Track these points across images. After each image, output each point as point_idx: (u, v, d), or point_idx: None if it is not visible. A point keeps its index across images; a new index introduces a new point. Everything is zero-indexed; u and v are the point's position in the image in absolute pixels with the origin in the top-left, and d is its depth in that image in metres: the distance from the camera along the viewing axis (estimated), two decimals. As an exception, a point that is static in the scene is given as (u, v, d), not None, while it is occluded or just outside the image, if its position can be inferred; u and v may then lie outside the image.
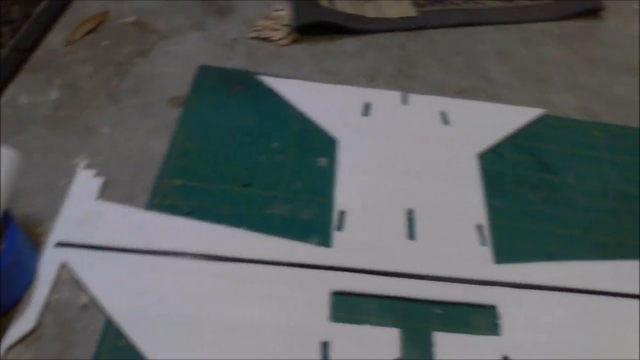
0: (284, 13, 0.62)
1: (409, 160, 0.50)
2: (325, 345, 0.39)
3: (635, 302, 0.43)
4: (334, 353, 0.39)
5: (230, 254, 0.43)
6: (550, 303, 0.43)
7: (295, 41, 0.60)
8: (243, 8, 0.63)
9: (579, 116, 0.57)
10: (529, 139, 0.54)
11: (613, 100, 0.59)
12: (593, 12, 0.69)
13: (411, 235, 0.46)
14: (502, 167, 0.51)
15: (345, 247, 0.44)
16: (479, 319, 0.42)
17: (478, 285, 0.43)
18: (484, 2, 0.67)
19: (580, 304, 0.43)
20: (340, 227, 0.46)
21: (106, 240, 0.43)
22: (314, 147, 0.51)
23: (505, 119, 0.55)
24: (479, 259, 0.45)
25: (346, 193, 0.48)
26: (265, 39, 0.60)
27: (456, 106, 0.55)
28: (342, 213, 0.46)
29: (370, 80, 0.58)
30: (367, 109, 0.54)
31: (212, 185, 0.48)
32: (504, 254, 0.45)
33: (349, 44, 0.61)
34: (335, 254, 0.44)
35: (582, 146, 0.54)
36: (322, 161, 0.50)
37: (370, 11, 0.64)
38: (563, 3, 0.69)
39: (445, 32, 0.64)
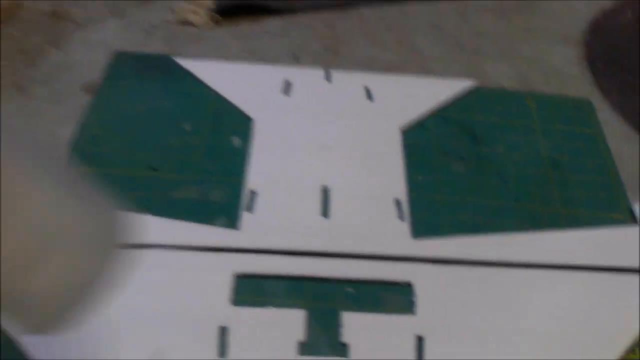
0: (206, -5, 0.59)
1: (328, 138, 0.48)
2: (223, 330, 0.37)
3: (556, 272, 0.41)
4: (233, 338, 0.36)
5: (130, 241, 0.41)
6: (468, 279, 0.40)
7: (217, 23, 0.58)
8: (167, -7, 0.61)
9: (514, 86, 0.55)
10: (459, 111, 0.52)
11: (549, 70, 0.57)
12: (532, -17, 0.67)
13: (325, 213, 0.43)
14: (427, 140, 0.49)
15: (254, 228, 0.42)
16: (393, 298, 0.40)
17: (393, 262, 0.41)
18: (419, -23, 0.65)
19: (499, 278, 0.41)
20: (250, 208, 0.43)
21: None
22: (229, 127, 0.49)
23: (433, 92, 0.52)
24: (395, 235, 0.42)
25: (259, 173, 0.45)
26: (186, 23, 0.58)
27: (382, 82, 0.53)
28: (253, 193, 0.44)
29: (295, 59, 0.55)
30: (287, 88, 0.52)
31: (120, 171, 0.45)
32: (423, 228, 0.43)
33: (273, 23, 0.58)
34: (241, 236, 0.41)
35: (515, 116, 0.52)
36: (236, 141, 0.48)
37: (297, -10, 0.62)
38: (501, -25, 0.66)
39: (375, 7, 0.61)
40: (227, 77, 0.52)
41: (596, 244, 0.43)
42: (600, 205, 0.46)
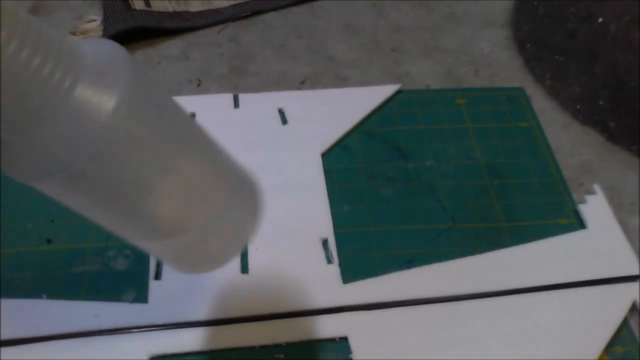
0: (94, 25, 0.53)
1: (241, 175, 0.43)
2: None
3: (505, 299, 0.37)
4: None
5: (26, 333, 0.35)
6: (410, 321, 0.36)
7: (108, 54, 0.51)
8: (49, 26, 0.54)
9: (441, 84, 0.51)
10: (381, 123, 0.47)
11: (477, 59, 0.53)
12: (450, -37, 0.62)
13: (244, 267, 0.38)
14: (349, 162, 0.44)
15: (164, 298, 0.37)
16: (329, 357, 0.35)
17: (325, 315, 0.36)
18: (328, -28, 0.60)
19: (444, 315, 0.37)
20: (158, 274, 0.38)
21: None
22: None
23: (352, 104, 0.48)
24: (324, 282, 0.38)
25: (165, 230, 0.40)
26: (74, 58, 0.51)
27: (295, 100, 0.48)
28: (161, 256, 0.39)
29: (198, 85, 0.50)
30: (191, 122, 0.46)
31: (6, 249, 0.40)
32: (354, 270, 0.39)
33: (171, 46, 0.52)
34: (152, 310, 0.36)
35: (443, 120, 0.48)
36: (139, 195, 0.42)
37: (196, 5, 0.56)
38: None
39: (283, 13, 0.56)
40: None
41: (544, 258, 0.40)
42: (544, 212, 0.42)
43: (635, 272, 0.39)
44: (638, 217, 0.43)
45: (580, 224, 0.42)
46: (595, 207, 0.42)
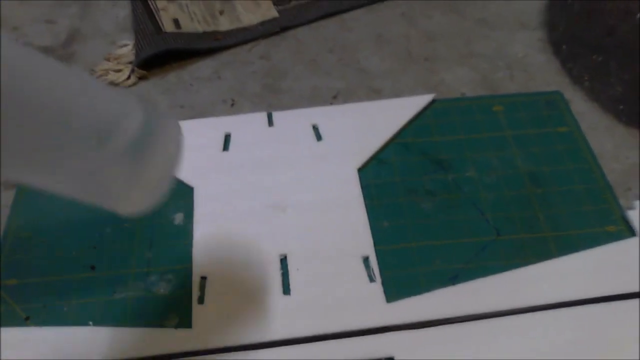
0: (127, 50, 0.54)
1: (279, 194, 0.43)
2: None
3: (554, 313, 0.36)
4: None
5: (75, 363, 0.36)
6: (457, 339, 0.36)
7: (142, 78, 0.52)
8: (84, 53, 0.55)
9: (476, 91, 0.50)
10: (418, 134, 0.46)
11: (512, 64, 0.52)
12: (479, -34, 0.61)
13: (285, 288, 0.38)
14: (388, 177, 0.44)
15: (207, 323, 0.37)
16: (375, 378, 0.35)
17: (369, 336, 0.36)
18: (355, -18, 0.59)
19: (492, 331, 0.36)
20: (201, 299, 0.38)
21: None
22: (169, 204, 0.43)
23: (386, 117, 0.47)
24: (367, 302, 0.37)
25: (206, 253, 0.40)
26: (110, 84, 0.52)
27: (329, 116, 0.47)
28: (203, 279, 0.39)
29: (232, 104, 0.50)
30: (227, 142, 0.46)
31: (52, 277, 0.40)
32: (397, 287, 0.38)
33: (203, 67, 0.53)
34: (196, 335, 0.36)
35: (481, 128, 0.47)
36: (179, 218, 0.43)
37: (225, 23, 0.56)
38: (444, -37, 0.60)
39: (313, 27, 0.56)
40: (159, 141, 0.47)
41: (593, 268, 0.38)
42: (591, 219, 0.41)
43: (692, 281, 0.37)
44: (691, 222, 0.41)
45: (629, 231, 0.40)
46: (644, 213, 0.41)
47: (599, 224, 0.41)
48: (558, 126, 0.47)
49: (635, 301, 0.37)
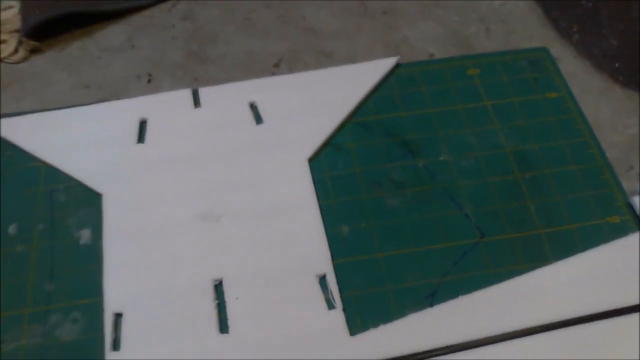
0: (11, 13, 0.43)
1: (210, 198, 0.34)
2: None
3: (558, 332, 0.30)
4: None
5: None
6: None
7: (35, 51, 0.42)
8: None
9: (447, 51, 0.42)
10: (379, 109, 0.38)
11: (487, 15, 0.44)
12: None
13: (222, 324, 0.30)
14: (344, 167, 0.36)
15: (125, 375, 0.29)
16: None
17: (330, 381, 0.29)
18: None
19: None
20: (116, 344, 0.30)
21: None
22: (72, 217, 0.34)
23: (341, 89, 0.39)
24: (327, 336, 0.30)
25: (119, 281, 0.32)
26: (-5, 59, 0.42)
27: (270, 89, 0.39)
28: (118, 317, 0.31)
29: (149, 80, 0.40)
30: (142, 131, 0.37)
31: None
32: (362, 314, 0.31)
33: (113, 34, 0.43)
34: (111, 393, 0.29)
35: (455, 99, 0.39)
36: (85, 236, 0.34)
37: (137, -25, 0.45)
38: None
39: (247, -23, 0.46)
40: (58, 135, 0.37)
41: (596, 275, 0.32)
42: (590, 209, 0.34)
43: None
44: None
45: (636, 221, 0.34)
46: (653, 199, 0.34)
47: (599, 215, 0.34)
48: (546, 91, 0.39)
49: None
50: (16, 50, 0.42)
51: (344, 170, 0.36)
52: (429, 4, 0.44)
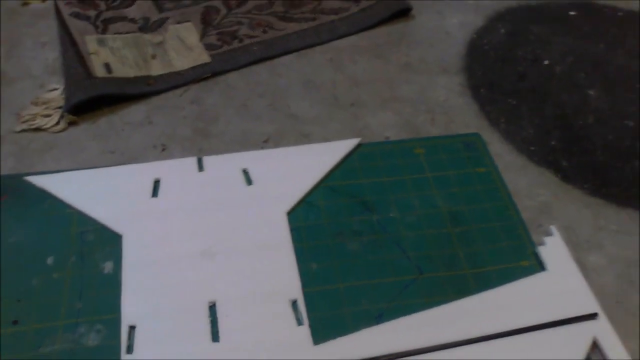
0: (56, 94, 0.54)
1: (209, 239, 0.44)
2: None
3: (476, 346, 0.38)
4: None
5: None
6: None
7: (72, 124, 0.52)
8: (10, 96, 0.54)
9: (400, 134, 0.52)
10: (344, 177, 0.48)
11: (433, 107, 0.55)
12: (403, 14, 0.64)
13: (214, 336, 0.39)
14: (315, 219, 0.45)
15: (136, 373, 0.37)
16: (303, 421, 0.35)
17: (297, 379, 0.37)
18: (285, 27, 0.62)
19: (415, 370, 0.37)
20: (130, 349, 0.38)
21: None
22: (98, 252, 0.43)
23: (315, 161, 0.49)
24: (295, 345, 0.38)
25: (134, 301, 0.40)
26: (37, 129, 0.52)
27: (259, 160, 0.49)
28: (132, 328, 0.39)
29: (163, 149, 0.50)
30: (156, 188, 0.47)
31: (-27, 333, 0.39)
32: (324, 329, 0.39)
33: (134, 111, 0.53)
34: (124, 386, 0.36)
35: (404, 171, 0.49)
36: (108, 267, 0.42)
37: (157, 68, 0.57)
38: (370, 10, 0.64)
39: (244, 72, 0.57)
40: (87, 188, 0.47)
41: (508, 303, 0.41)
42: (507, 255, 0.44)
43: (593, 310, 0.40)
44: (594, 254, 0.44)
45: (540, 266, 0.43)
46: (553, 249, 0.44)
47: (514, 259, 0.43)
48: (477, 167, 0.50)
49: (547, 331, 0.39)
50: (58, 123, 0.52)
51: (314, 222, 0.45)
52: (388, 98, 0.55)
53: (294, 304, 0.40)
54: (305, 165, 0.48)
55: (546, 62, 0.57)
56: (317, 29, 0.62)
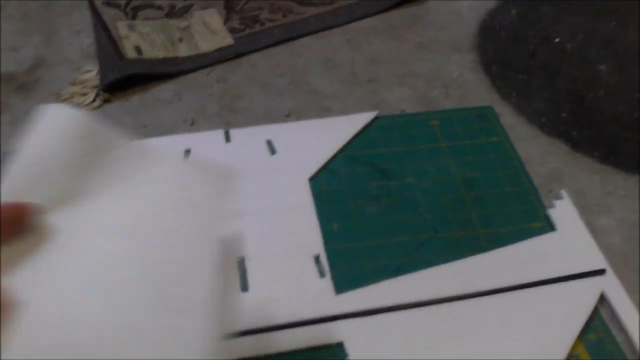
0: (92, 75, 0.57)
1: (237, 205, 0.46)
2: None
3: (487, 299, 0.41)
4: None
5: None
6: (401, 324, 0.40)
7: (107, 101, 0.55)
8: (49, 79, 0.58)
9: (415, 108, 0.55)
10: (363, 147, 0.51)
11: (447, 83, 0.57)
12: (417, -3, 0.67)
13: (244, 286, 0.42)
14: (336, 185, 0.48)
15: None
16: (327, 361, 0.38)
17: (320, 324, 0.39)
18: (304, 11, 0.65)
19: (431, 317, 0.40)
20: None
21: None
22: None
23: (335, 132, 0.52)
24: (318, 294, 0.41)
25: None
26: (75, 106, 0.55)
27: (282, 131, 0.52)
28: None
29: (192, 124, 0.53)
30: (187, 157, 0.50)
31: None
32: (345, 281, 0.42)
33: (164, 90, 0.57)
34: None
35: (419, 141, 0.52)
36: (143, 228, 0.45)
37: (184, 50, 0.60)
38: (385, -6, 0.66)
39: (266, 53, 0.60)
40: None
41: (519, 259, 0.43)
42: (518, 218, 0.46)
43: (602, 267, 0.42)
44: (603, 217, 0.46)
45: (551, 227, 0.45)
46: (563, 211, 0.46)
47: (525, 221, 0.46)
48: (489, 137, 0.52)
49: (556, 285, 0.41)
50: (94, 100, 0.55)
51: (335, 187, 0.48)
52: (403, 75, 0.58)
53: (317, 258, 0.43)
54: (325, 136, 0.51)
55: (557, 40, 0.59)
56: (334, 13, 0.64)
